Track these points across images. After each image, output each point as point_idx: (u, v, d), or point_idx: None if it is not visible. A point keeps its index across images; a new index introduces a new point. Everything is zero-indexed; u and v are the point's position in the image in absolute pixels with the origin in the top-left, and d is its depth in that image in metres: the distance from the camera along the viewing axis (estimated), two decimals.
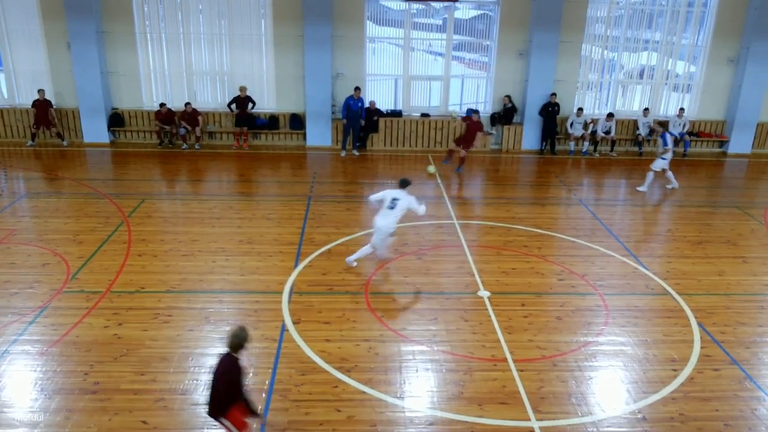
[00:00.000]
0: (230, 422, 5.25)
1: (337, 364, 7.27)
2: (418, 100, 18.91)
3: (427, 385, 6.99)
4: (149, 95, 18.10)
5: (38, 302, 8.49)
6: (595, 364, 7.51)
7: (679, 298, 9.28)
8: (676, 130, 18.60)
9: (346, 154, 17.47)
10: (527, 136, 18.55)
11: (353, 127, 17.27)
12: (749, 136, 19.13)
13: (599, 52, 18.95)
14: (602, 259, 10.62)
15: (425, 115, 18.55)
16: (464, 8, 18.57)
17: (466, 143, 15.70)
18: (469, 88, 19.79)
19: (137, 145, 17.81)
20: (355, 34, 17.67)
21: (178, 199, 13.47)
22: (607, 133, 18.32)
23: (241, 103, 17.20)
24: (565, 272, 10.02)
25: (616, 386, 7.11)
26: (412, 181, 9.93)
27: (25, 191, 13.40)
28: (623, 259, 10.64)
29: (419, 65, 18.79)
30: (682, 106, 19.01)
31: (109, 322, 8.04)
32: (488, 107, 19.06)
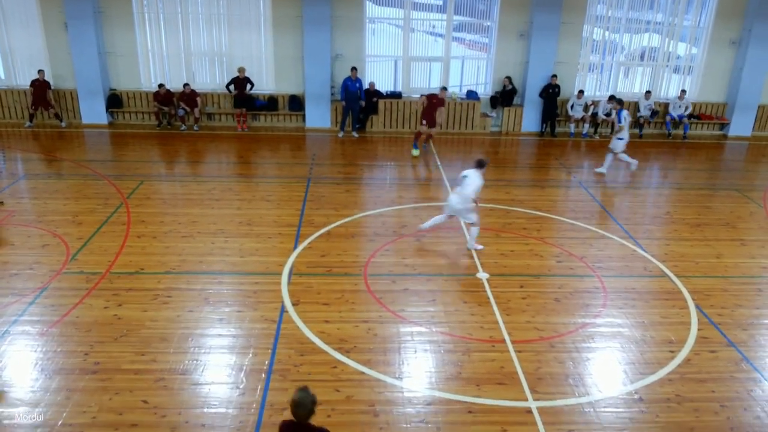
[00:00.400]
0: None
1: (336, 344, 7.31)
2: (418, 81, 18.81)
3: (425, 365, 7.04)
4: (147, 76, 18.00)
5: (38, 283, 8.51)
6: (592, 345, 7.55)
7: (676, 280, 9.31)
8: (676, 112, 18.55)
9: (344, 135, 17.42)
10: (527, 118, 18.49)
11: (352, 108, 17.19)
12: (750, 118, 19.07)
13: (600, 33, 18.82)
14: (601, 241, 10.64)
15: None
16: None
17: (429, 120, 15.42)
18: (469, 69, 19.67)
19: (136, 126, 17.75)
20: (354, 14, 17.53)
21: (177, 180, 13.45)
22: (608, 115, 18.24)
23: (239, 84, 17.10)
24: (563, 254, 10.04)
25: (613, 367, 7.15)
26: (488, 161, 9.90)
27: (23, 172, 13.38)
28: (622, 241, 10.66)
29: (419, 46, 18.66)
30: (683, 88, 18.92)
31: (108, 302, 8.07)
32: (488, 89, 18.97)
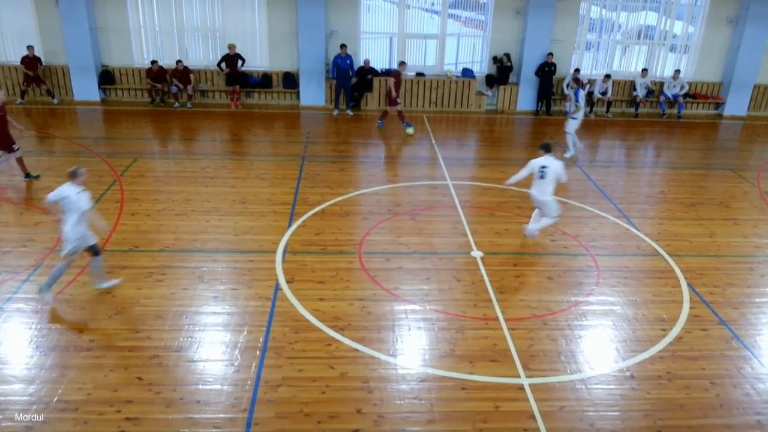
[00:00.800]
0: None
1: (330, 322, 7.35)
2: (413, 59, 18.67)
3: (419, 343, 7.08)
4: (140, 52, 17.81)
5: (31, 261, 8.49)
6: (584, 323, 7.61)
7: (669, 259, 9.36)
8: (671, 91, 18.51)
9: (338, 113, 17.32)
10: (523, 96, 18.43)
11: (344, 86, 17.07)
12: (745, 98, 19.06)
13: (597, 11, 18.68)
14: (595, 220, 10.67)
15: (420, 74, 18.34)
16: None
17: (393, 97, 15.57)
18: (464, 47, 19.54)
19: (128, 103, 17.60)
20: None
21: (170, 158, 13.38)
22: (603, 94, 18.19)
23: (230, 61, 16.94)
24: (557, 233, 10.07)
25: (605, 345, 7.22)
26: (549, 145, 9.27)
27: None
28: (615, 220, 10.69)
29: (415, 23, 18.51)
30: (678, 67, 18.86)
31: None
32: (484, 67, 18.86)
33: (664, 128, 17.58)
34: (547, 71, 17.69)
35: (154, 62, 16.94)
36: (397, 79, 15.36)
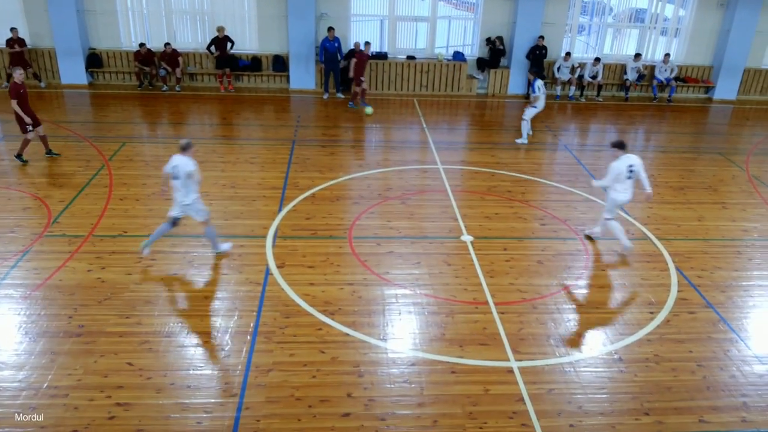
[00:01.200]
0: None
1: (321, 307, 7.36)
2: (404, 41, 18.54)
3: (409, 327, 7.11)
4: (127, 35, 17.59)
5: (20, 246, 8.43)
6: (573, 306, 7.66)
7: (658, 243, 9.42)
8: (662, 75, 18.50)
9: (328, 97, 17.21)
10: (514, 80, 18.36)
11: (332, 69, 16.94)
12: (735, 82, 19.07)
13: None
14: (584, 204, 10.70)
15: (411, 57, 18.23)
16: None
17: (356, 76, 15.94)
18: (455, 29, 19.42)
19: (116, 86, 17.41)
20: None
21: (159, 142, 13.28)
22: (593, 77, 18.17)
23: (219, 44, 16.75)
24: (547, 217, 10.10)
25: (593, 328, 7.27)
26: (624, 143, 8.66)
27: (1, 134, 13.13)
28: (605, 204, 10.71)
29: (405, 6, 18.32)
30: (668, 51, 18.84)
31: (92, 266, 8.03)
32: (475, 50, 18.77)
33: (654, 112, 17.59)
34: (538, 54, 17.62)
35: (142, 45, 16.73)
36: (359, 59, 15.62)
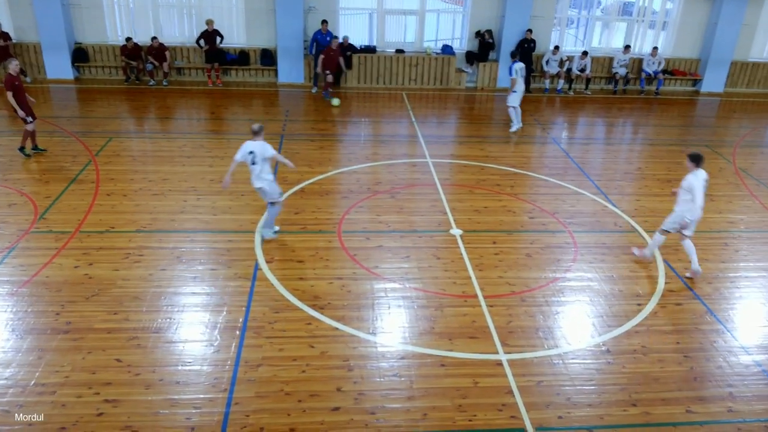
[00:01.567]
0: None
1: (310, 301, 7.35)
2: (392, 35, 18.50)
3: (399, 321, 7.12)
4: (114, 29, 17.44)
5: (6, 243, 8.36)
6: (562, 299, 7.70)
7: (646, 235, 9.47)
8: (650, 68, 18.58)
9: (317, 91, 17.16)
10: (503, 73, 18.36)
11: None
12: (722, 74, 19.20)
13: None
14: (573, 197, 10.74)
15: (400, 51, 18.19)
16: None
17: (331, 68, 16.10)
18: (444, 23, 19.40)
19: (103, 81, 17.27)
20: None
21: (146, 137, 13.19)
22: (582, 71, 18.21)
23: (209, 37, 16.66)
24: (536, 210, 10.13)
25: (581, 320, 7.31)
26: (702, 156, 7.97)
27: None
28: (593, 197, 10.77)
29: None
30: (656, 45, 18.91)
31: (79, 262, 7.98)
32: (464, 43, 18.76)
33: (642, 105, 17.68)
34: (526, 48, 17.63)
35: (128, 39, 16.60)
36: (326, 54, 15.62)
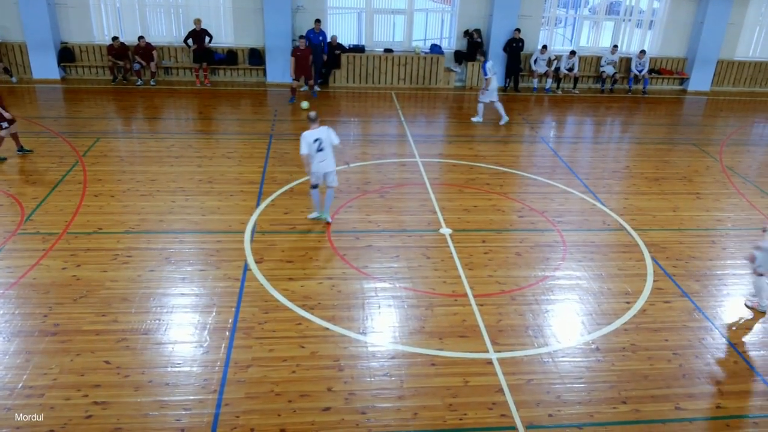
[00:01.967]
0: None
1: (300, 302, 7.33)
2: (381, 35, 18.49)
3: (389, 320, 7.12)
4: (100, 28, 17.31)
5: None
6: (551, 297, 7.73)
7: (634, 233, 9.53)
8: (638, 68, 18.67)
9: (309, 89, 17.11)
10: None
11: (315, 62, 16.85)
12: (709, 73, 19.35)
13: None
14: (562, 196, 10.79)
15: (388, 50, 18.19)
16: None
17: (307, 72, 15.85)
18: (433, 22, 19.41)
19: (90, 81, 17.14)
20: None
21: (134, 137, 13.10)
22: (570, 70, 18.29)
23: (197, 37, 16.57)
24: (525, 209, 10.17)
25: (571, 318, 7.35)
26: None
27: None
28: (582, 195, 10.82)
29: None
30: (643, 43, 19.02)
31: (66, 263, 7.91)
32: (452, 43, 18.78)
33: (630, 104, 17.77)
34: (514, 47, 17.68)
35: (115, 39, 16.48)
36: (294, 55, 15.45)
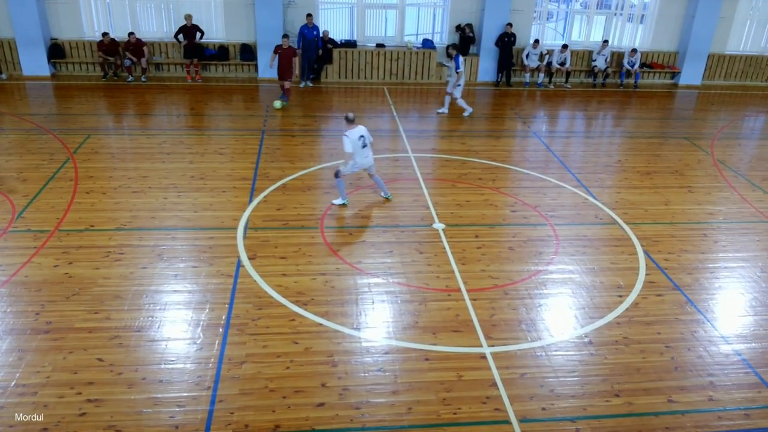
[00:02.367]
0: None
1: (293, 297, 7.33)
2: (373, 29, 18.46)
3: (382, 316, 7.12)
4: (90, 24, 17.19)
5: None
6: (544, 291, 7.75)
7: (626, 227, 9.57)
8: (629, 64, 18.71)
9: (305, 85, 17.10)
10: (483, 67, 18.42)
11: (309, 57, 16.81)
12: (700, 67, 19.41)
13: None
14: (554, 190, 10.81)
15: (380, 45, 18.15)
16: None
17: (288, 72, 14.84)
18: (425, 17, 19.38)
19: (80, 77, 17.03)
20: None
21: (125, 134, 13.04)
22: (561, 64, 18.31)
23: (188, 32, 16.48)
24: (518, 204, 10.19)
25: (564, 312, 7.38)
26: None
27: None
28: (574, 189, 10.85)
29: None
30: (634, 38, 19.05)
31: (58, 261, 7.88)
32: (444, 37, 18.76)
33: (621, 98, 17.82)
34: (507, 42, 17.68)
35: (105, 35, 16.37)
36: (282, 55, 14.67)
